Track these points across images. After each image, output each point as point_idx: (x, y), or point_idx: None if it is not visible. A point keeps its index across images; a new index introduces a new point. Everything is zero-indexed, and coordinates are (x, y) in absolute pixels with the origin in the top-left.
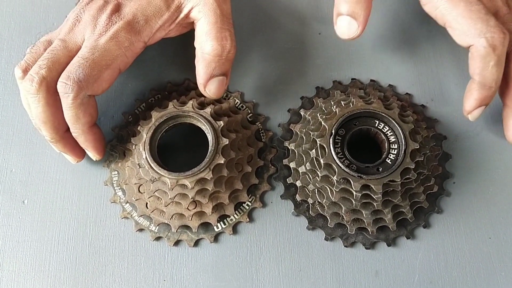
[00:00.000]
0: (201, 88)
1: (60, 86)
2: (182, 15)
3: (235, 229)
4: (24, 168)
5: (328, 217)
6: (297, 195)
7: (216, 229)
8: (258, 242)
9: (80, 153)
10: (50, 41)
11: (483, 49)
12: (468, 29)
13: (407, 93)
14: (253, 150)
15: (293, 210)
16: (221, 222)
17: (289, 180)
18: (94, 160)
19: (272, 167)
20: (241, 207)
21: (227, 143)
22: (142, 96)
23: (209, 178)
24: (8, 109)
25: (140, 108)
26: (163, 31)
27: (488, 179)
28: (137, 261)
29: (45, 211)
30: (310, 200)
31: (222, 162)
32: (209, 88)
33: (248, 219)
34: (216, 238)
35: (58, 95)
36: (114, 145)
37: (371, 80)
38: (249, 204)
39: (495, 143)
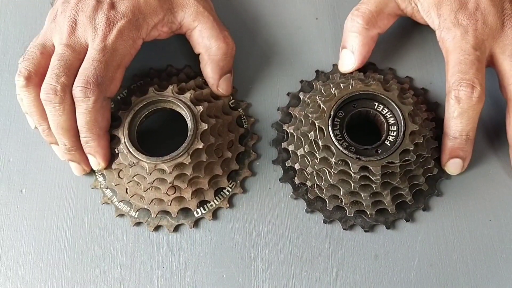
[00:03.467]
0: (214, 88)
1: (79, 91)
2: (175, 22)
3: (215, 215)
4: (21, 158)
5: (326, 200)
6: (295, 178)
7: (196, 215)
8: (256, 227)
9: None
10: (44, 44)
11: (450, 100)
12: (448, 79)
13: (407, 76)
14: (234, 136)
15: (291, 193)
16: (201, 208)
17: (288, 163)
18: (98, 169)
19: (254, 153)
20: (221, 192)
21: (206, 128)
22: (124, 82)
23: (187, 163)
24: (5, 99)
25: (122, 94)
26: (156, 30)
27: (488, 161)
28: (136, 248)
29: (43, 200)
30: (308, 183)
31: (201, 147)
32: (221, 87)
33: (228, 205)
34: (196, 223)
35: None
36: None
37: (371, 63)
38: (230, 190)
39: (495, 125)
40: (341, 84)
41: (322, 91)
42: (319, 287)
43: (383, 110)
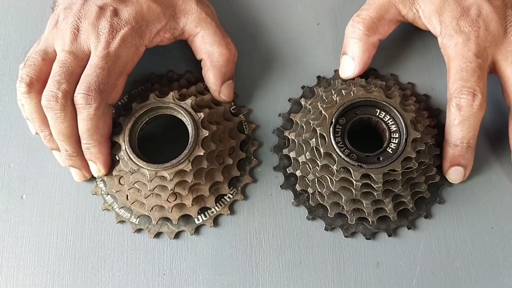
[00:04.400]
0: (215, 94)
1: (80, 98)
2: (178, 28)
3: (216, 222)
4: (22, 163)
5: (328, 207)
6: (297, 185)
7: (196, 222)
8: (258, 234)
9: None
10: (45, 50)
11: (451, 107)
12: (450, 86)
13: (409, 82)
14: (235, 142)
15: (293, 200)
16: (202, 215)
17: (289, 170)
18: (98, 175)
19: (255, 159)
20: (222, 199)
21: (207, 134)
22: (125, 88)
23: (188, 170)
24: (5, 104)
25: (123, 100)
26: (159, 37)
27: (490, 168)
28: (136, 255)
29: (43, 206)
30: (310, 190)
31: (202, 154)
32: (223, 93)
33: (229, 212)
34: (197, 230)
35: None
36: None
37: (372, 69)
38: (231, 196)
39: (497, 132)
40: (342, 91)
41: (324, 97)
42: None
43: (385, 117)
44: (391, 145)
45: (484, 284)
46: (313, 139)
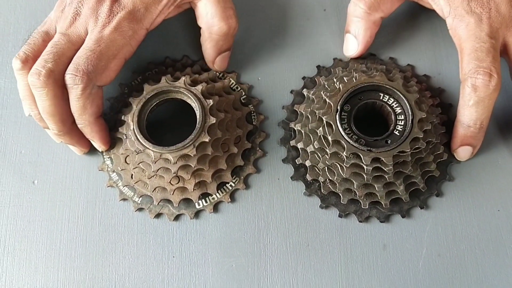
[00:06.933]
0: (209, 64)
1: (69, 78)
2: None
3: (216, 208)
4: (33, 149)
5: (340, 194)
6: (307, 175)
7: (197, 206)
8: (265, 218)
9: (86, 144)
10: (47, 32)
11: (466, 88)
12: (463, 67)
13: (408, 64)
14: (242, 132)
15: (304, 190)
16: (203, 200)
17: (298, 161)
18: (101, 150)
19: (260, 150)
20: (224, 187)
21: (214, 122)
22: (139, 69)
23: (192, 155)
24: (16, 91)
25: (137, 80)
26: (162, 15)
27: (497, 151)
28: (146, 238)
29: (55, 191)
30: (321, 179)
31: (207, 140)
32: (217, 63)
33: (229, 200)
34: (197, 214)
35: (65, 87)
36: (107, 114)
37: (371, 54)
38: (233, 184)
39: (505, 115)
40: (344, 78)
41: (326, 86)
42: (327, 276)
43: (389, 100)
44: (398, 127)
45: (489, 266)
46: (320, 128)
